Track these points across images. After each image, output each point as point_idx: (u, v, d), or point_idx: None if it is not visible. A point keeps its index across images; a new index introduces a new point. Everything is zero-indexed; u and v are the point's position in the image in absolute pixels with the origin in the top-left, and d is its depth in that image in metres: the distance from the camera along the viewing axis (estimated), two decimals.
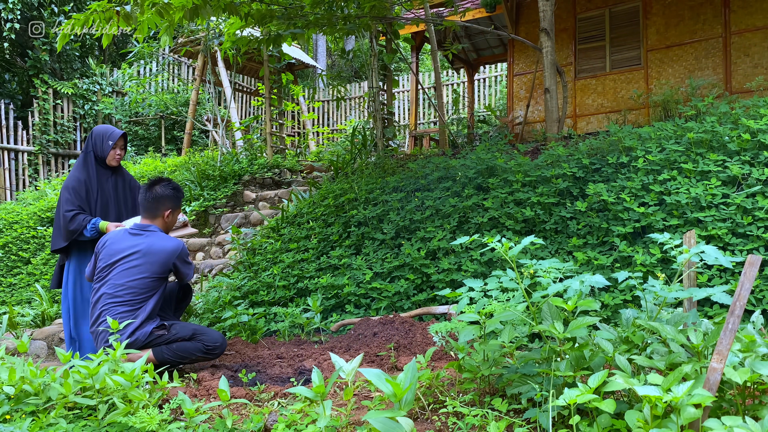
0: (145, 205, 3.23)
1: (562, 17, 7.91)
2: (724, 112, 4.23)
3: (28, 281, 6.67)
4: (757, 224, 3.29)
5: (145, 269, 3.06)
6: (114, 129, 3.78)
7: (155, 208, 3.22)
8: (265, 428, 2.12)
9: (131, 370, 2.15)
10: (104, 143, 3.75)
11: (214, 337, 3.12)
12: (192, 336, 3.08)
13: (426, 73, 13.82)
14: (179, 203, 3.34)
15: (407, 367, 1.90)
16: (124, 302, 3.02)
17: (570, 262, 3.61)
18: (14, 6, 11.25)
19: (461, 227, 4.26)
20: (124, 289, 3.03)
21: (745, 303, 1.57)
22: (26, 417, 2.09)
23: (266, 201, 6.90)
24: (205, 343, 3.07)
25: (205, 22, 4.24)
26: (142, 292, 3.06)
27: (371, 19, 5.37)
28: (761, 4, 6.67)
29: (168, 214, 3.27)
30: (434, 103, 8.80)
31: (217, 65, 9.27)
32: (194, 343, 3.06)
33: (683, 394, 1.44)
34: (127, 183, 3.90)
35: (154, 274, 3.08)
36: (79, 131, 12.33)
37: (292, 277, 4.53)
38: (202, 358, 3.11)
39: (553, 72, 5.52)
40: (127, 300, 3.02)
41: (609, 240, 3.68)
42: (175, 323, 3.14)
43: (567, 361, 1.87)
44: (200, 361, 3.17)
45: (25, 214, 8.02)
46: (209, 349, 3.08)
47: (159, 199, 3.23)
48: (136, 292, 3.04)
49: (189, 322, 3.26)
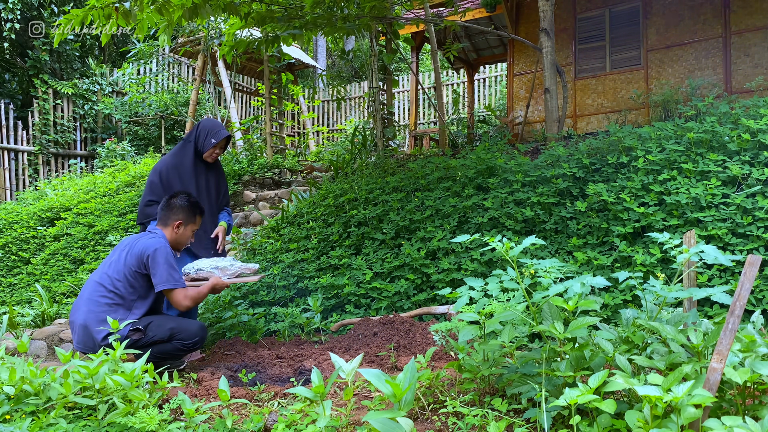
0: (160, 212, 3.32)
1: (562, 17, 7.91)
2: (724, 112, 4.23)
3: (28, 281, 6.67)
4: (757, 224, 3.29)
5: (124, 261, 3.09)
6: (221, 128, 3.75)
7: (167, 217, 3.29)
8: (265, 428, 2.12)
9: (131, 370, 2.15)
10: (207, 139, 3.73)
11: (191, 331, 3.04)
12: (170, 338, 3.00)
13: (426, 73, 13.82)
14: (192, 218, 3.35)
15: (407, 368, 1.90)
16: (107, 294, 3.03)
17: (570, 262, 3.61)
18: (14, 6, 11.25)
19: (461, 227, 4.26)
20: (110, 281, 3.05)
21: (745, 303, 1.57)
22: (26, 417, 2.09)
23: (266, 201, 6.90)
24: (184, 342, 3.02)
25: (204, 22, 4.22)
26: (126, 292, 3.05)
27: (371, 19, 5.37)
28: (761, 4, 6.67)
29: (178, 225, 3.28)
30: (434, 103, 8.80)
31: (217, 65, 9.27)
32: (172, 344, 3.01)
33: (683, 394, 1.44)
34: (218, 180, 3.86)
35: (131, 267, 3.06)
36: (79, 131, 12.33)
37: (292, 277, 4.53)
38: (184, 353, 3.09)
39: (553, 72, 5.52)
40: (112, 294, 3.03)
41: (609, 240, 3.68)
42: (152, 321, 3.02)
43: (567, 361, 1.87)
44: (186, 354, 3.16)
45: (25, 214, 8.02)
46: (188, 345, 3.03)
47: (173, 209, 3.29)
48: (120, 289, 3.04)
49: (167, 317, 3.13)
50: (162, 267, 3.03)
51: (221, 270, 3.37)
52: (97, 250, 6.54)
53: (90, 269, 6.19)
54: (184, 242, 3.38)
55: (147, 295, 3.10)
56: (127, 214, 7.04)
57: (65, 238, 7.08)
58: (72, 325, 3.06)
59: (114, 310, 3.01)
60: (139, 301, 3.08)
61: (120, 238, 6.36)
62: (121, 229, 6.75)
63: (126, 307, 3.04)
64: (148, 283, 3.09)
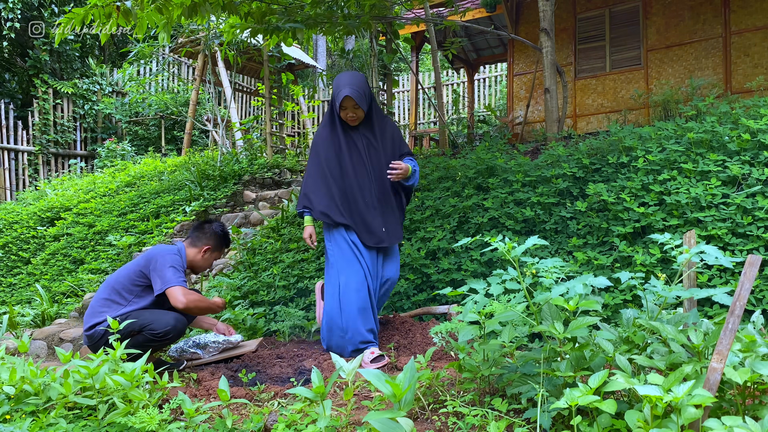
0: (192, 232, 3.36)
1: (562, 17, 7.91)
2: (724, 112, 4.23)
3: (28, 281, 6.67)
4: (757, 224, 3.29)
5: (136, 262, 3.16)
6: (345, 86, 3.09)
7: (198, 239, 3.33)
8: (265, 428, 2.12)
9: (131, 370, 2.15)
10: (335, 99, 3.13)
11: (163, 321, 2.96)
12: (140, 329, 2.95)
13: (426, 73, 13.82)
14: (220, 248, 3.38)
15: (406, 368, 1.90)
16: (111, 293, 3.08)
17: (570, 261, 3.61)
18: (14, 6, 11.25)
19: (461, 227, 4.26)
20: (117, 280, 3.11)
21: (745, 303, 1.57)
22: (26, 417, 2.09)
23: (266, 201, 6.90)
24: (155, 332, 2.94)
25: (204, 21, 4.21)
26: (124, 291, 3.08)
27: (371, 19, 5.37)
28: (761, 4, 6.67)
29: (206, 250, 3.32)
30: (434, 103, 8.80)
31: (217, 65, 9.27)
32: (143, 335, 2.95)
33: (684, 394, 1.44)
34: (385, 137, 3.19)
35: (138, 266, 3.11)
36: (79, 131, 12.33)
37: (292, 277, 4.53)
38: (160, 345, 3.02)
39: (553, 72, 5.52)
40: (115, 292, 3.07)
41: (609, 240, 3.68)
42: (130, 314, 2.99)
43: (567, 361, 1.87)
44: (164, 346, 3.11)
45: (25, 214, 8.02)
46: (160, 335, 2.95)
47: (205, 233, 3.33)
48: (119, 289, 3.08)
49: (149, 311, 3.06)
50: (167, 270, 3.04)
51: (203, 348, 3.32)
52: (97, 250, 6.54)
53: (90, 269, 6.19)
54: (204, 268, 3.39)
55: (139, 297, 3.11)
56: (127, 214, 7.04)
57: (65, 238, 7.08)
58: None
59: (108, 306, 3.05)
60: (130, 304, 3.08)
61: (120, 238, 6.36)
62: (121, 229, 6.75)
63: (116, 306, 3.06)
64: (146, 286, 3.12)
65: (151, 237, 6.32)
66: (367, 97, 3.15)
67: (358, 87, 3.12)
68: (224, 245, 3.44)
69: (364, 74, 3.11)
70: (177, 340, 3.19)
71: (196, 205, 6.59)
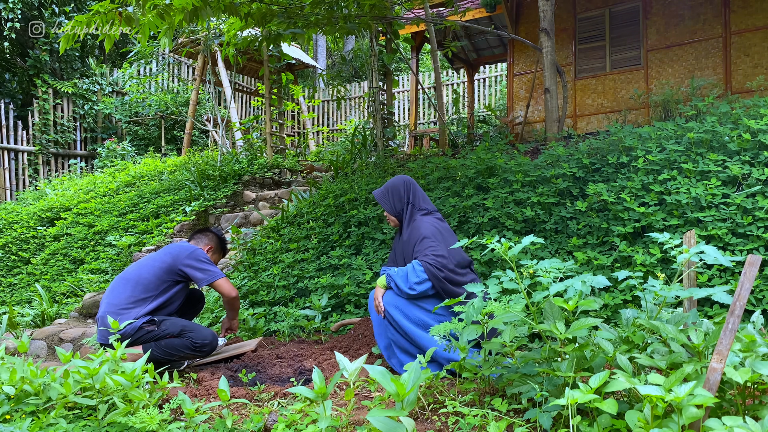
0: (193, 234, 3.57)
1: (562, 17, 7.91)
2: (724, 112, 4.23)
3: (28, 281, 6.67)
4: (757, 224, 3.29)
5: (158, 258, 3.24)
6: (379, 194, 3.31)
7: (200, 239, 3.54)
8: (265, 428, 2.12)
9: (131, 370, 2.15)
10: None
11: (203, 334, 3.11)
12: (180, 333, 3.07)
13: (426, 73, 13.82)
14: (220, 251, 3.61)
15: (410, 367, 1.90)
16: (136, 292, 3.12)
17: (570, 261, 3.61)
18: (14, 6, 11.25)
19: (461, 227, 4.26)
20: (138, 278, 3.16)
21: (745, 303, 1.57)
22: (26, 417, 2.09)
23: (266, 201, 6.90)
24: (193, 340, 3.07)
25: (205, 23, 4.22)
26: (151, 287, 3.13)
27: (371, 19, 5.37)
28: (761, 4, 6.67)
29: (208, 250, 3.51)
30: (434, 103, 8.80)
31: (217, 65, 9.27)
32: (182, 339, 3.05)
33: (685, 395, 1.44)
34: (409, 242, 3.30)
35: (164, 263, 3.18)
36: (79, 131, 12.33)
37: (292, 277, 4.53)
38: (191, 355, 3.11)
39: (553, 72, 5.52)
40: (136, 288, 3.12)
41: (609, 240, 3.68)
42: (166, 319, 3.11)
43: (568, 361, 1.87)
44: (190, 358, 3.17)
45: (25, 214, 8.02)
46: (197, 346, 3.08)
47: (207, 234, 3.57)
48: (145, 285, 3.13)
49: (181, 319, 3.21)
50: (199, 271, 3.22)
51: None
52: (97, 250, 6.54)
53: (90, 269, 6.19)
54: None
55: (164, 293, 3.19)
56: (127, 214, 7.04)
57: (65, 238, 7.08)
58: (96, 320, 3.22)
59: (136, 304, 3.09)
60: (156, 298, 3.15)
61: (120, 238, 6.36)
62: (121, 229, 6.75)
63: (144, 303, 3.12)
64: (171, 284, 3.21)
65: (151, 237, 6.31)
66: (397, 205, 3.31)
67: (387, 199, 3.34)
68: (223, 248, 3.63)
69: (404, 183, 3.34)
70: (206, 356, 3.27)
71: (196, 205, 6.59)
